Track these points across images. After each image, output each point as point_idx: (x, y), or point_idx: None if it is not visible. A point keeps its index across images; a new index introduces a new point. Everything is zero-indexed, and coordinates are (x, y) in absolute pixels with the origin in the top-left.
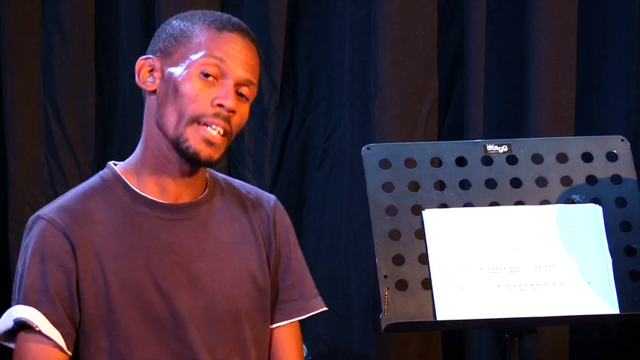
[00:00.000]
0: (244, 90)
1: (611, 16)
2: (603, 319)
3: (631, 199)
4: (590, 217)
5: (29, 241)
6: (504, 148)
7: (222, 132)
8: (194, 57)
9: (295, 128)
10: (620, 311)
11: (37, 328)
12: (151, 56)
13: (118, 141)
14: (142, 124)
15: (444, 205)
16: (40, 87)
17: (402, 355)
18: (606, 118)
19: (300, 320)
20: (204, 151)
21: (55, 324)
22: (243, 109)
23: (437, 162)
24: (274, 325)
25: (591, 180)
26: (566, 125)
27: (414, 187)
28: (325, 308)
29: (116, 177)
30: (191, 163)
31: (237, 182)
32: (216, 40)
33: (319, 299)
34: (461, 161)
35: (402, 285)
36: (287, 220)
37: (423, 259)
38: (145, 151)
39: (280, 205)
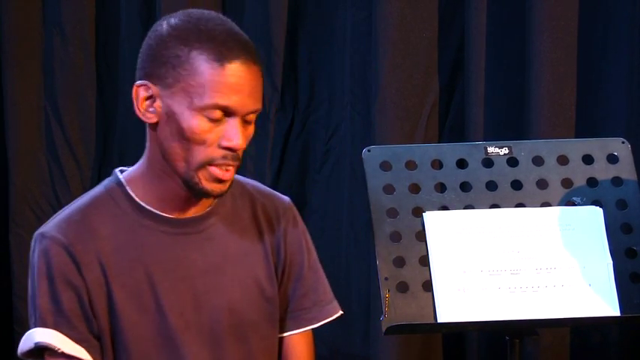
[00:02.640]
0: (250, 117)
1: (611, 18)
2: (604, 321)
3: (632, 201)
4: (590, 219)
5: (34, 260)
6: (505, 150)
7: (232, 169)
8: (197, 101)
9: (296, 130)
10: (620, 313)
11: (59, 350)
12: (147, 82)
13: (118, 142)
14: (143, 131)
15: (444, 208)
16: (41, 88)
17: (402, 357)
18: (607, 120)
19: (313, 329)
20: (216, 189)
21: (77, 340)
22: (251, 131)
23: (437, 164)
24: (285, 334)
25: (592, 182)
26: (567, 127)
27: (415, 189)
28: (340, 313)
29: (120, 188)
30: (201, 197)
31: (251, 184)
32: (219, 81)
33: (334, 304)
34: (461, 163)
35: (402, 287)
36: (300, 226)
37: (424, 261)
38: (150, 168)
39: (294, 211)
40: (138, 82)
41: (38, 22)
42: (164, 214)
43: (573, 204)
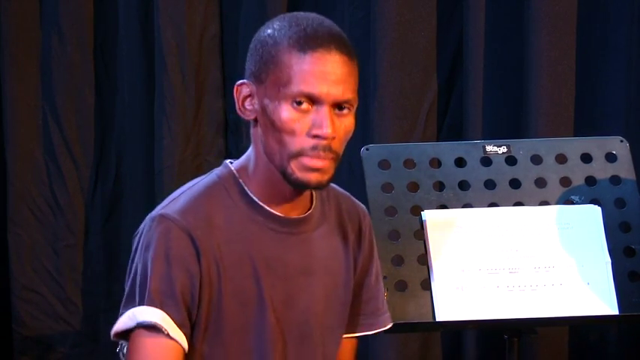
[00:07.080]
0: (344, 105)
1: (610, 17)
2: (602, 320)
3: (630, 199)
4: (589, 218)
5: (150, 240)
6: (503, 149)
7: (327, 160)
8: (284, 90)
9: None
10: (619, 312)
11: (165, 332)
12: (246, 81)
13: (116, 142)
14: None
15: (443, 206)
16: (39, 88)
17: (401, 355)
18: (605, 119)
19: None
20: (313, 178)
21: (179, 325)
22: (347, 123)
23: (436, 163)
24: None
25: (590, 181)
26: (566, 126)
27: (414, 187)
28: (391, 325)
29: (234, 179)
30: (301, 189)
31: (333, 187)
32: (301, 68)
33: (388, 315)
34: (460, 162)
35: (401, 286)
36: (372, 233)
37: (422, 259)
38: (257, 163)
39: (369, 218)
40: (238, 82)
41: (36, 21)
42: (273, 211)
43: (572, 203)
